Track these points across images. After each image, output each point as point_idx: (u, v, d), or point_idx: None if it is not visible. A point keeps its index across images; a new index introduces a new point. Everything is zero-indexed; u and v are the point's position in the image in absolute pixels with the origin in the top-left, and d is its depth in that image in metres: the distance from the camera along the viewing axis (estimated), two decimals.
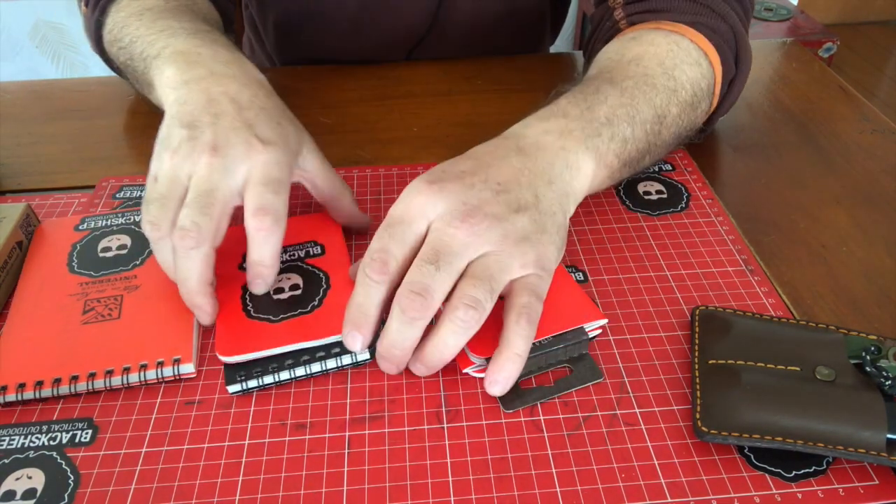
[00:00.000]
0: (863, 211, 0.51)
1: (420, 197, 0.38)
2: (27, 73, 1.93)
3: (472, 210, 0.37)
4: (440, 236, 0.37)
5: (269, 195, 0.40)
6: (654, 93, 0.47)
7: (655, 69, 0.48)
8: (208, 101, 0.42)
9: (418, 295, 0.35)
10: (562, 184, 0.42)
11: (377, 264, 0.37)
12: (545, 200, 0.40)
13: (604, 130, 0.44)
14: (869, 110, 0.63)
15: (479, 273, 0.36)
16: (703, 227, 0.49)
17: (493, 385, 0.36)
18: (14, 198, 0.52)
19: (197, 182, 0.39)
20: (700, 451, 0.35)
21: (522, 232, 0.38)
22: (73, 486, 0.34)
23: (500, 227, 0.37)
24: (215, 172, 0.39)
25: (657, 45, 0.50)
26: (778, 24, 1.81)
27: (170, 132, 0.42)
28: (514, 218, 0.38)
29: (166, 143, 0.41)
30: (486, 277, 0.36)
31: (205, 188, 0.39)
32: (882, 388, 0.35)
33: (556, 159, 0.42)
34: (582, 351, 0.40)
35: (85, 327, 0.40)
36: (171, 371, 0.38)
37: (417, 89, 0.67)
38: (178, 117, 0.42)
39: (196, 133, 0.40)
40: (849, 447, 0.33)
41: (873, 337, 0.38)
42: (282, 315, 0.41)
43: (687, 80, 0.49)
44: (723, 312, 0.41)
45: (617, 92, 0.46)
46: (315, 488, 0.34)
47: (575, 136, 0.43)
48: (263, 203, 0.39)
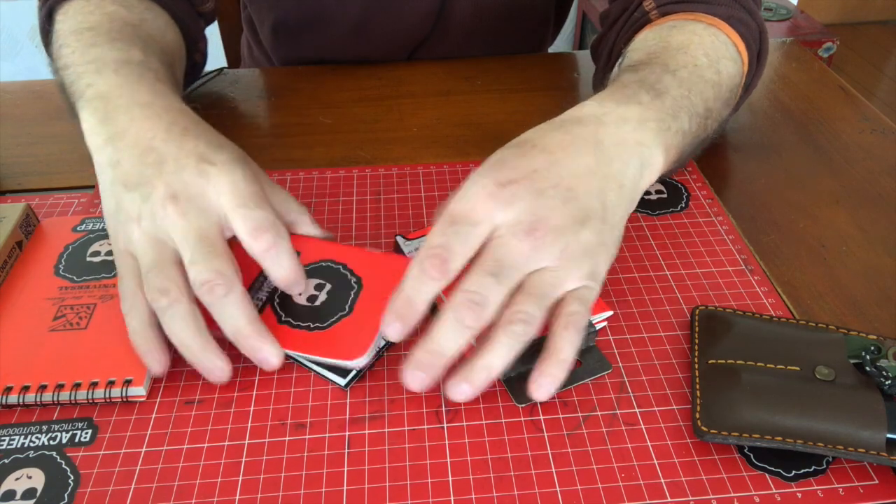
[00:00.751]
0: (862, 211, 0.51)
1: (490, 200, 0.37)
2: (27, 73, 1.93)
3: (539, 221, 0.36)
4: (504, 248, 0.36)
5: (255, 212, 0.38)
6: (705, 86, 0.46)
7: (703, 60, 0.47)
8: (142, 153, 0.40)
9: (477, 305, 0.34)
10: (631, 186, 0.40)
11: (438, 261, 0.35)
12: (611, 210, 0.39)
13: (672, 124, 0.43)
14: (869, 110, 0.63)
15: (534, 290, 0.36)
16: (703, 226, 0.49)
17: (539, 389, 0.35)
18: (14, 198, 0.52)
19: (183, 235, 0.37)
20: (700, 451, 0.35)
21: (584, 247, 0.37)
22: (73, 485, 0.34)
23: (562, 241, 0.36)
24: (192, 218, 0.38)
25: (700, 36, 0.48)
26: (778, 23, 1.81)
27: (119, 202, 0.39)
28: (577, 230, 0.37)
29: (122, 216, 0.39)
30: (540, 295, 0.36)
31: (195, 235, 0.37)
32: (882, 388, 0.35)
33: (632, 157, 0.40)
34: (589, 343, 0.40)
35: (50, 335, 0.40)
36: (119, 392, 0.37)
37: (417, 89, 0.67)
38: (120, 182, 0.40)
39: (148, 191, 0.38)
40: (849, 447, 0.33)
41: (873, 337, 0.38)
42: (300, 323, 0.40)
43: (727, 75, 0.48)
44: (723, 312, 0.41)
45: (676, 82, 0.45)
46: (315, 488, 0.34)
47: (650, 128, 0.41)
48: (255, 222, 0.38)
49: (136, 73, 0.45)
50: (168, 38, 0.54)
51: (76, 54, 0.47)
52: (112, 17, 0.50)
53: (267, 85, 0.68)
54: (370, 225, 0.50)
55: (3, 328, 0.40)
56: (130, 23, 0.51)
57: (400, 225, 0.50)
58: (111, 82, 0.44)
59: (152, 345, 0.37)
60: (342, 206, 0.51)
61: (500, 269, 0.35)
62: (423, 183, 0.54)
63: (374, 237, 0.48)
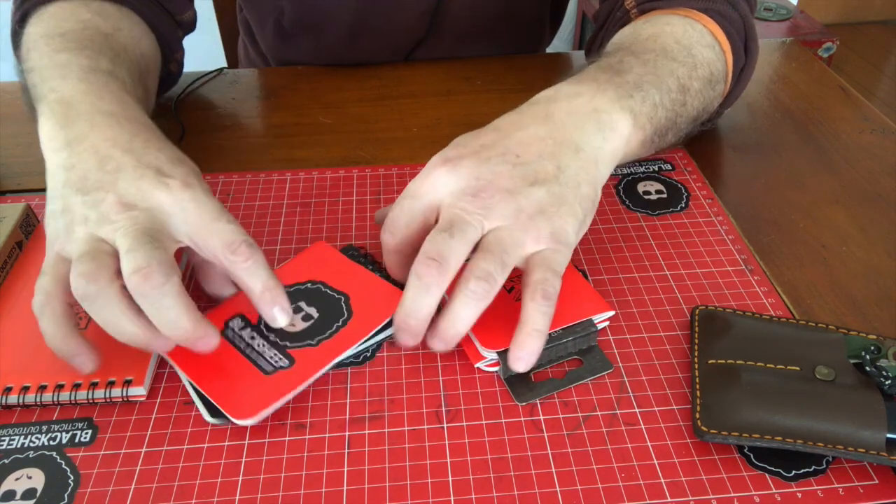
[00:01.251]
0: (862, 211, 0.51)
1: (434, 173, 0.39)
2: None
3: (485, 185, 0.38)
4: (453, 210, 0.38)
5: (227, 226, 0.37)
6: (676, 65, 0.47)
7: (673, 45, 0.48)
8: (100, 160, 0.38)
9: (433, 260, 0.36)
10: (591, 150, 0.41)
11: (387, 234, 0.40)
12: (568, 171, 0.39)
13: (635, 93, 0.44)
14: (868, 110, 0.63)
15: (490, 247, 0.37)
16: (703, 226, 0.49)
17: (517, 362, 0.36)
18: (14, 198, 0.52)
19: (127, 230, 0.36)
20: (700, 451, 0.35)
21: (538, 205, 0.38)
22: (72, 485, 0.34)
23: (513, 202, 0.37)
24: (140, 219, 0.36)
25: (672, 26, 0.50)
26: (778, 23, 1.81)
27: (67, 205, 0.37)
28: (528, 191, 0.38)
29: (67, 218, 0.37)
30: (497, 251, 0.36)
31: (139, 229, 0.36)
32: (882, 388, 0.35)
33: (587, 122, 0.41)
34: (591, 343, 0.40)
35: None
36: (119, 393, 0.37)
37: (417, 89, 0.67)
38: (73, 186, 0.38)
39: (101, 196, 0.37)
40: (848, 447, 0.33)
41: (873, 337, 0.38)
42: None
43: (703, 59, 0.49)
44: (723, 312, 0.41)
45: (639, 62, 0.46)
46: (315, 488, 0.34)
47: (608, 95, 0.43)
48: (229, 236, 0.37)
49: (102, 81, 0.44)
50: (142, 48, 0.54)
51: (44, 59, 0.46)
52: (85, 25, 0.49)
53: (267, 85, 0.68)
54: (370, 225, 0.50)
55: (4, 328, 0.40)
56: (104, 32, 0.50)
57: None
58: (75, 88, 0.43)
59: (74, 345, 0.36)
60: (342, 206, 0.51)
61: (451, 225, 0.37)
62: None
63: (374, 237, 0.48)
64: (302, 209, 0.51)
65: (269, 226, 0.50)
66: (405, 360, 0.40)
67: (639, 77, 0.45)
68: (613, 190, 0.53)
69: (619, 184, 0.53)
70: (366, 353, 0.40)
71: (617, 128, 0.42)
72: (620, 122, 0.42)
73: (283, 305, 0.38)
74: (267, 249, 0.47)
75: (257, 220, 0.50)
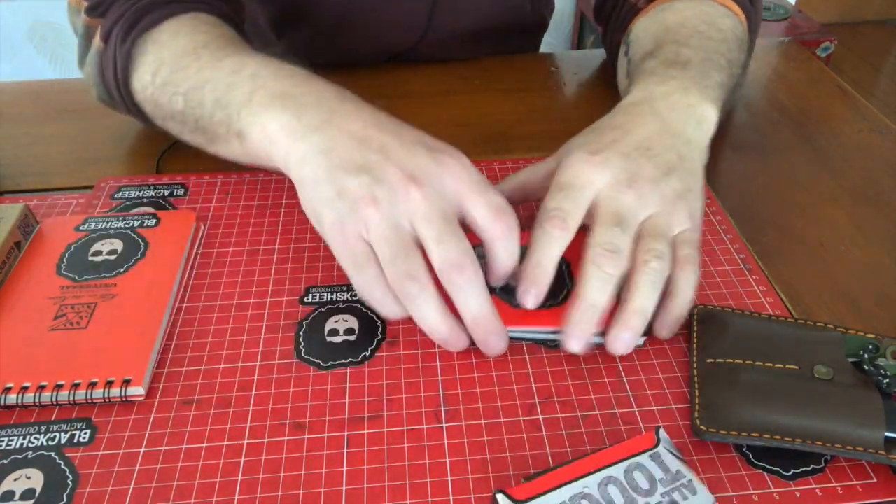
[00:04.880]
0: (861, 210, 0.51)
1: (587, 166, 0.41)
2: (25, 74, 1.93)
3: (634, 176, 0.40)
4: (614, 202, 0.40)
5: (496, 197, 0.39)
6: (717, 45, 0.51)
7: (703, 26, 0.52)
8: (359, 140, 0.39)
9: (612, 252, 0.38)
10: (696, 141, 0.45)
11: (557, 220, 0.39)
12: (687, 161, 0.43)
13: (707, 82, 0.47)
14: (867, 110, 0.63)
15: (655, 231, 0.39)
16: (702, 226, 0.49)
17: (664, 329, 0.40)
18: (12, 198, 0.52)
19: (427, 216, 0.37)
20: (698, 450, 0.35)
21: (676, 191, 0.41)
22: (71, 486, 0.34)
23: (658, 189, 0.40)
24: (435, 199, 0.37)
25: (691, 9, 0.53)
26: (776, 23, 1.81)
27: (342, 188, 0.37)
28: (667, 180, 0.41)
29: (349, 201, 0.37)
30: (661, 234, 0.39)
31: (440, 216, 0.37)
32: (880, 387, 0.35)
33: (688, 118, 0.45)
34: None
35: (50, 334, 0.40)
36: (118, 392, 0.37)
37: (416, 89, 0.67)
38: (341, 168, 0.38)
39: (380, 174, 0.37)
40: (847, 445, 0.33)
41: (871, 336, 0.38)
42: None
43: (729, 29, 0.53)
44: (722, 312, 0.41)
45: (692, 52, 0.49)
46: (314, 488, 0.34)
47: (692, 92, 0.46)
48: (497, 205, 0.38)
49: (295, 71, 0.44)
50: None
51: (210, 70, 0.45)
52: (215, 35, 0.48)
53: None
54: None
55: (3, 327, 0.40)
56: (233, 36, 0.50)
57: None
58: (281, 84, 0.42)
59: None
60: None
61: (620, 219, 0.39)
62: None
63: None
64: (301, 209, 0.51)
65: (268, 226, 0.50)
66: (404, 360, 0.40)
67: (701, 66, 0.48)
68: None
69: None
70: (365, 353, 0.40)
71: (707, 118, 0.46)
72: (709, 113, 0.46)
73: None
74: (266, 249, 0.47)
75: (256, 219, 0.50)
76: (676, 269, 0.39)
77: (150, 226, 0.47)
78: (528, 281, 0.39)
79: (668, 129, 0.44)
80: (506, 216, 0.38)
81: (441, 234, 0.36)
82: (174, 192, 0.52)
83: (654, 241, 0.39)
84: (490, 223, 0.38)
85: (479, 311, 0.37)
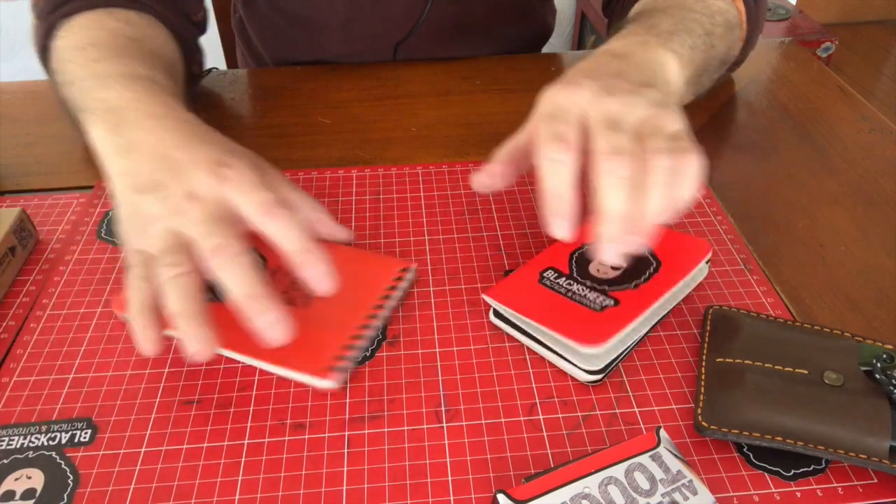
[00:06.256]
0: (861, 210, 0.51)
1: (563, 90, 0.41)
2: (25, 74, 1.92)
3: (612, 87, 0.40)
4: (601, 110, 0.39)
5: (263, 193, 0.38)
6: (697, 14, 0.52)
7: (690, 1, 0.53)
8: (155, 160, 0.40)
9: (619, 154, 0.37)
10: (662, 76, 0.45)
11: (557, 142, 0.38)
12: (658, 83, 0.43)
13: (673, 38, 0.48)
14: (867, 110, 0.63)
15: (651, 130, 0.38)
16: (702, 226, 0.49)
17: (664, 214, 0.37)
18: (12, 198, 0.52)
19: (201, 220, 0.37)
20: (699, 450, 0.35)
21: (657, 101, 0.41)
22: (72, 486, 0.34)
23: (640, 96, 0.40)
24: (210, 208, 0.38)
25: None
26: (776, 23, 1.81)
27: (136, 207, 0.39)
28: (645, 91, 0.41)
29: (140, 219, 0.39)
30: (658, 132, 0.38)
31: (213, 218, 0.37)
32: (890, 397, 0.35)
33: (647, 57, 0.45)
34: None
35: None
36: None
37: (416, 90, 0.67)
38: (135, 189, 0.40)
39: (164, 193, 0.39)
40: (850, 452, 0.33)
41: (889, 346, 0.38)
42: None
43: (718, 8, 0.54)
44: (736, 313, 0.41)
45: (668, 16, 0.51)
46: (314, 488, 0.34)
47: (652, 43, 0.47)
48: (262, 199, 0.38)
49: (146, 86, 0.45)
50: (168, 53, 0.55)
51: (83, 70, 0.47)
52: (115, 34, 0.51)
53: (266, 85, 0.68)
54: (369, 225, 0.50)
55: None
56: (133, 38, 0.51)
57: (399, 225, 0.50)
58: (121, 96, 0.44)
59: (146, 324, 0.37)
60: (342, 206, 0.51)
61: (613, 122, 0.38)
62: (422, 183, 0.54)
63: (373, 237, 0.48)
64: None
65: None
66: (404, 360, 0.40)
67: (671, 26, 0.49)
68: None
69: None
70: (365, 353, 0.40)
71: (666, 63, 0.46)
72: (668, 60, 0.46)
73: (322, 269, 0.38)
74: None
75: None
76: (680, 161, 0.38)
77: None
78: (552, 213, 0.38)
79: (630, 64, 0.44)
80: (271, 207, 0.38)
81: (210, 228, 0.37)
82: None
83: (656, 139, 0.38)
84: (259, 217, 0.38)
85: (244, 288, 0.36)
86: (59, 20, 0.52)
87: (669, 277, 0.42)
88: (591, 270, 0.42)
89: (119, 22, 0.52)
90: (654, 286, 0.41)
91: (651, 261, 0.43)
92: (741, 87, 0.66)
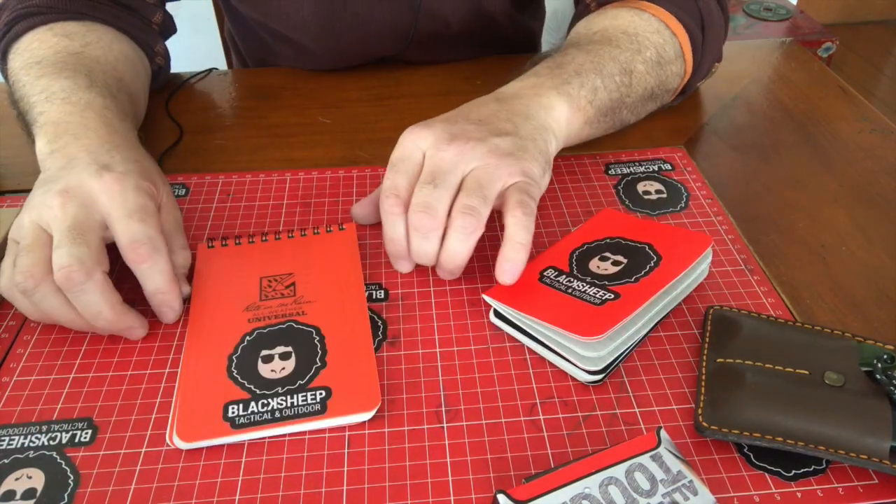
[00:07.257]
0: (862, 210, 0.51)
1: (411, 135, 0.44)
2: None
3: (457, 135, 0.43)
4: (433, 160, 0.42)
5: (135, 225, 0.40)
6: (619, 51, 0.53)
7: (619, 36, 0.55)
8: (67, 160, 0.43)
9: (424, 213, 0.41)
10: (539, 119, 0.47)
11: (392, 199, 0.42)
12: (524, 129, 0.45)
13: (573, 80, 0.50)
14: (868, 110, 0.63)
15: (471, 185, 0.41)
16: (703, 226, 0.49)
17: (504, 274, 0.41)
18: (13, 198, 0.52)
19: (58, 222, 0.39)
20: (699, 451, 0.35)
21: (506, 149, 0.43)
22: (72, 485, 0.34)
23: (483, 146, 0.43)
24: (71, 209, 0.40)
25: (619, 19, 0.56)
26: (777, 23, 1.81)
27: (30, 198, 0.42)
28: (495, 140, 0.43)
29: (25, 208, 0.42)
30: (477, 187, 0.41)
31: (69, 224, 0.39)
32: (891, 397, 0.35)
33: (531, 102, 0.48)
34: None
35: None
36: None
37: (416, 90, 0.67)
38: (39, 183, 0.43)
39: (49, 187, 0.41)
40: (850, 452, 0.33)
41: (890, 347, 0.38)
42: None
43: (651, 43, 0.55)
44: (737, 314, 0.41)
45: (583, 53, 0.53)
46: (315, 488, 0.34)
47: (546, 85, 0.49)
48: (133, 235, 0.40)
49: (84, 99, 0.48)
50: (116, 54, 0.56)
51: (27, 87, 0.51)
52: (56, 49, 0.53)
53: (266, 85, 0.68)
54: (369, 225, 0.50)
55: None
56: (73, 52, 0.54)
57: None
58: (60, 110, 0.47)
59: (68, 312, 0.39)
60: (342, 206, 0.51)
61: (434, 177, 0.42)
62: None
63: (372, 237, 0.49)
64: (302, 209, 0.51)
65: (269, 226, 0.50)
66: (405, 360, 0.40)
67: (579, 66, 0.51)
68: (613, 190, 0.53)
69: (618, 184, 0.53)
70: None
71: (555, 107, 0.49)
72: (558, 104, 0.49)
73: (174, 306, 0.41)
74: None
75: (257, 220, 0.50)
76: (507, 215, 0.41)
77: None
78: (391, 255, 0.45)
79: (506, 108, 0.47)
80: (138, 247, 0.40)
81: (61, 238, 0.39)
82: (175, 192, 0.52)
83: (467, 197, 0.41)
84: (125, 251, 0.40)
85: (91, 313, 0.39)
86: (10, 43, 0.56)
87: (670, 270, 0.42)
88: (592, 268, 0.42)
89: (59, 36, 0.55)
90: (654, 279, 0.41)
91: (651, 255, 0.43)
92: (742, 87, 0.66)
